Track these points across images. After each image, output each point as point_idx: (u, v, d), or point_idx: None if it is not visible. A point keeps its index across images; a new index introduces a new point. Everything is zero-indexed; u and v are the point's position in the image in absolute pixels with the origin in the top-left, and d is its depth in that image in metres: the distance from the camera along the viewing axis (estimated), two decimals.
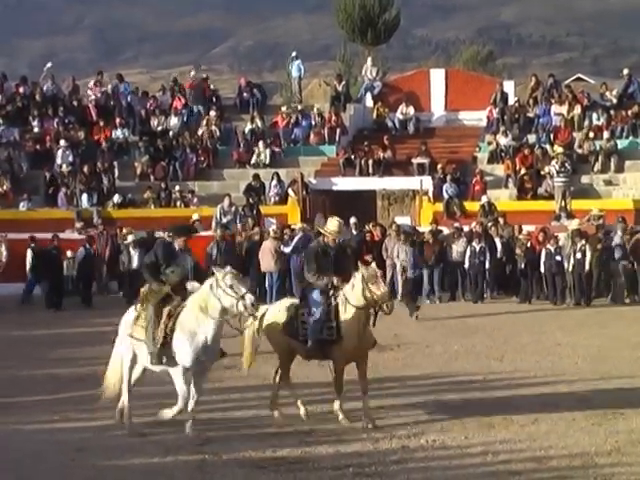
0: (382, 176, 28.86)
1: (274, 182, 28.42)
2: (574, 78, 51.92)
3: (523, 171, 27.89)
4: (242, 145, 30.32)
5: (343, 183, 28.85)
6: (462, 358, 16.62)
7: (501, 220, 25.36)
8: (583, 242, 23.20)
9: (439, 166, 28.48)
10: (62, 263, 24.80)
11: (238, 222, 26.57)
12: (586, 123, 29.57)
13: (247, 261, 23.86)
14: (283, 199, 28.29)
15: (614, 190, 27.76)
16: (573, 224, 24.27)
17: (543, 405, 12.70)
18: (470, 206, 27.12)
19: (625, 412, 12.19)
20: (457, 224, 25.32)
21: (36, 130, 31.12)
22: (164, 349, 11.31)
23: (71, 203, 28.55)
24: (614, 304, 22.98)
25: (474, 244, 24.01)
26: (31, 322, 21.28)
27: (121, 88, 32.70)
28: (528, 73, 43.08)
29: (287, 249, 23.99)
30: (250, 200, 27.64)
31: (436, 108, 32.17)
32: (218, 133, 30.72)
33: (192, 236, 12.89)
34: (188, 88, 32.65)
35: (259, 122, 30.89)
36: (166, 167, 29.70)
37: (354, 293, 11.81)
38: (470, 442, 11.15)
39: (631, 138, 29.04)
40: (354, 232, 24.42)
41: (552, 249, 23.34)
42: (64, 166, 29.41)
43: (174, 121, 31.22)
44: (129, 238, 24.46)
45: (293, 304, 12.37)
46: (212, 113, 31.08)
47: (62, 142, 29.77)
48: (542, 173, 27.74)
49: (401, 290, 22.00)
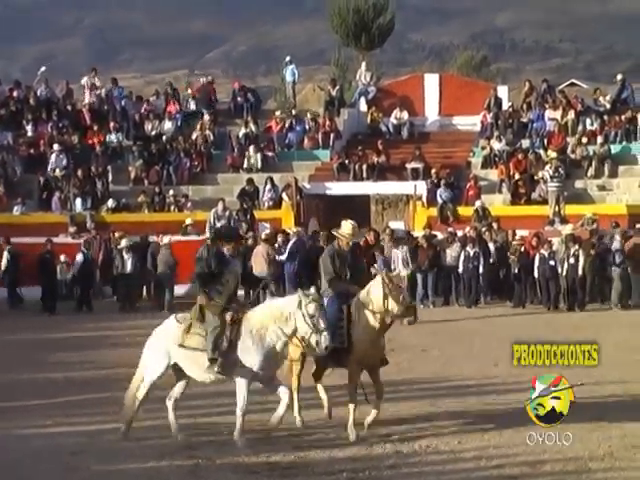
0: (376, 181, 28.85)
1: (268, 187, 28.39)
2: (568, 83, 52.03)
3: (517, 176, 27.91)
4: (236, 150, 30.29)
5: (337, 188, 28.82)
6: (456, 363, 16.62)
7: (495, 225, 25.36)
8: (577, 247, 23.25)
9: (433, 171, 28.45)
10: (56, 267, 24.84)
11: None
12: (580, 128, 29.58)
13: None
14: (277, 204, 28.25)
15: (607, 195, 27.78)
16: (567, 229, 24.29)
17: None
18: (464, 211, 27.12)
19: (618, 417, 12.19)
20: (451, 229, 25.37)
21: (30, 134, 31.04)
22: (228, 355, 11.09)
23: (65, 207, 28.46)
24: (608, 308, 23.02)
25: (468, 249, 24.02)
26: (26, 326, 21.24)
27: (115, 92, 32.68)
28: (522, 78, 43.06)
29: (282, 257, 23.96)
30: (244, 205, 27.61)
31: (430, 113, 32.15)
32: (212, 137, 30.70)
33: (241, 241, 12.51)
34: (196, 92, 32.86)
35: (253, 127, 30.84)
36: (160, 171, 29.65)
37: (372, 299, 11.52)
38: (464, 447, 11.14)
39: (624, 143, 29.07)
40: None
41: (546, 254, 23.39)
42: (58, 170, 29.32)
43: (168, 125, 31.21)
44: (122, 242, 24.47)
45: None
46: (206, 117, 31.10)
47: (56, 146, 29.67)
48: (536, 178, 27.75)
49: None
